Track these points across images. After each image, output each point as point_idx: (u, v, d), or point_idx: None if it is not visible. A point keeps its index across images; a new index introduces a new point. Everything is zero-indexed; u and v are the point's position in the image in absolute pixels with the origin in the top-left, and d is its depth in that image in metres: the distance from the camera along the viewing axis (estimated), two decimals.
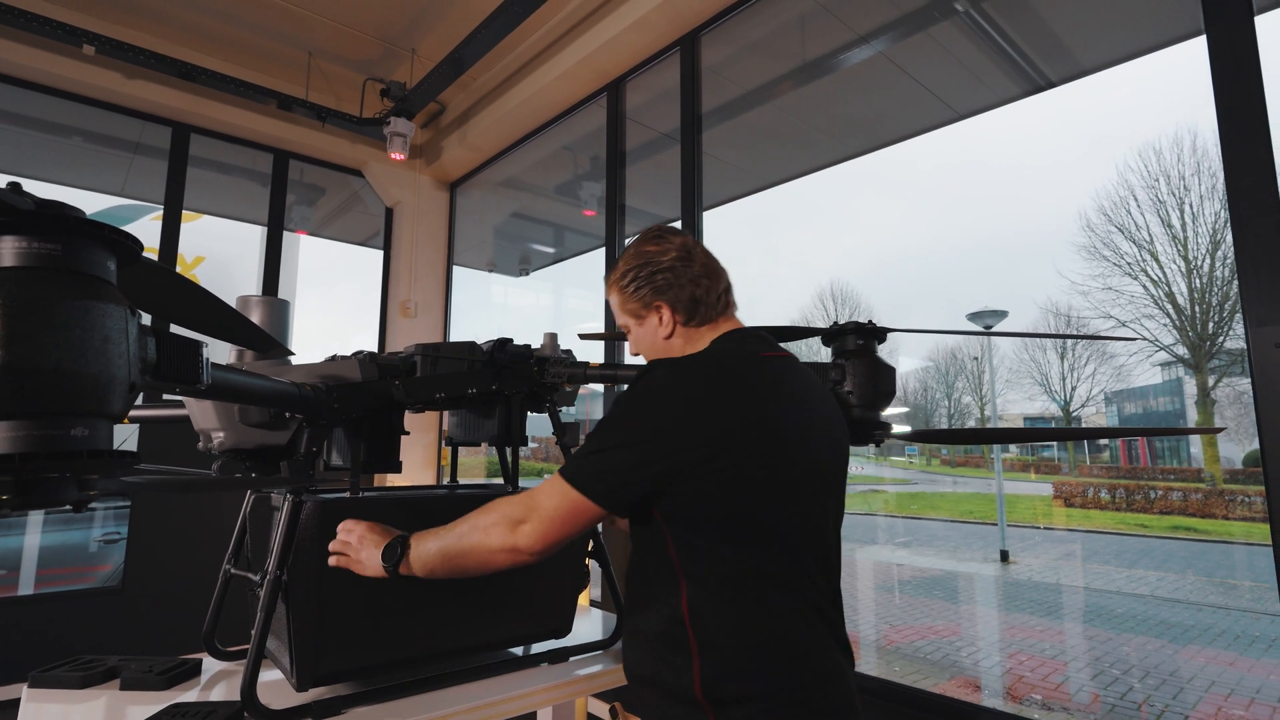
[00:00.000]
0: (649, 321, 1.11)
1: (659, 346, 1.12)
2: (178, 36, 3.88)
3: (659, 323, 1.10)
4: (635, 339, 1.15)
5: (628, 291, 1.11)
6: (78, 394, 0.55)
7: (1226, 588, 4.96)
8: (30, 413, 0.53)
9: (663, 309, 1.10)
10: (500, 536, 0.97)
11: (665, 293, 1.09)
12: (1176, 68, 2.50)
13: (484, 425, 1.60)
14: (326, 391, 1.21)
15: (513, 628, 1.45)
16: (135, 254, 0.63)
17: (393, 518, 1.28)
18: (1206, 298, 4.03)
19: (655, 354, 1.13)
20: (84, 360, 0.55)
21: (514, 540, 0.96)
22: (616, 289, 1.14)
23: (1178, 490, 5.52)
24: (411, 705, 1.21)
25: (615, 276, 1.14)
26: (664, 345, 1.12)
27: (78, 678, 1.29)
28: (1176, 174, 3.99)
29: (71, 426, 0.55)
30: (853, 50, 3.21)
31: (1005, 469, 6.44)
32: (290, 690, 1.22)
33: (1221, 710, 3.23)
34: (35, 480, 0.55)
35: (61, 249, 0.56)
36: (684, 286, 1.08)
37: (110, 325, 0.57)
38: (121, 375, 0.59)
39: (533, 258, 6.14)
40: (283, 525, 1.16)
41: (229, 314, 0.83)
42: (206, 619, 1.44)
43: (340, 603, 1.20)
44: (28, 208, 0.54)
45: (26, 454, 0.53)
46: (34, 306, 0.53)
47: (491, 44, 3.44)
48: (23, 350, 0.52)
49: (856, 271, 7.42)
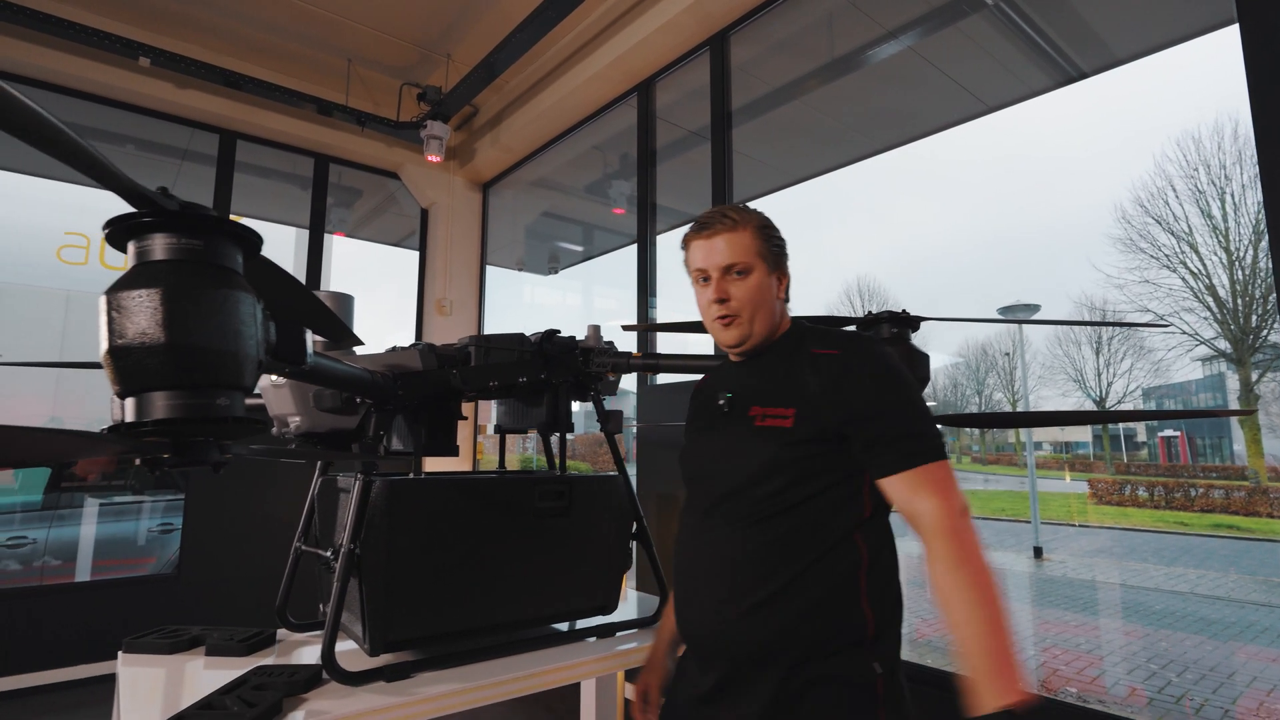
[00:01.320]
0: (773, 278, 1.16)
1: (772, 306, 1.15)
2: (225, 47, 4.05)
3: (776, 284, 1.16)
4: (754, 284, 1.13)
5: (770, 241, 1.15)
6: (222, 369, 0.64)
7: (1270, 586, 4.86)
8: (186, 384, 0.62)
9: (785, 276, 1.19)
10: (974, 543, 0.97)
11: (785, 265, 1.19)
12: (1213, 55, 2.48)
13: (531, 413, 1.69)
14: (393, 379, 1.30)
15: (565, 602, 1.53)
16: (258, 248, 0.72)
17: (451, 497, 1.37)
18: (1249, 289, 3.93)
19: (764, 309, 1.14)
20: (226, 340, 0.64)
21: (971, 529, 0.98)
22: (755, 233, 1.13)
23: (1219, 488, 5.41)
24: (472, 672, 1.29)
25: (755, 220, 1.15)
26: (774, 307, 1.16)
27: (166, 644, 1.40)
28: (1217, 163, 3.89)
29: (218, 397, 0.64)
30: (881, 46, 3.23)
31: (1038, 467, 6.36)
32: (362, 657, 1.31)
33: (1264, 705, 3.19)
34: (188, 442, 0.65)
35: (203, 244, 0.65)
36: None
37: (244, 311, 0.66)
38: (253, 354, 0.67)
39: (561, 256, 6.24)
40: (354, 503, 1.25)
41: (319, 306, 0.92)
42: (279, 594, 1.54)
43: (408, 576, 1.29)
44: (174, 209, 0.63)
45: (186, 419, 0.62)
46: (188, 294, 0.61)
47: (525, 49, 3.54)
48: (181, 331, 0.60)
49: (884, 267, 7.38)
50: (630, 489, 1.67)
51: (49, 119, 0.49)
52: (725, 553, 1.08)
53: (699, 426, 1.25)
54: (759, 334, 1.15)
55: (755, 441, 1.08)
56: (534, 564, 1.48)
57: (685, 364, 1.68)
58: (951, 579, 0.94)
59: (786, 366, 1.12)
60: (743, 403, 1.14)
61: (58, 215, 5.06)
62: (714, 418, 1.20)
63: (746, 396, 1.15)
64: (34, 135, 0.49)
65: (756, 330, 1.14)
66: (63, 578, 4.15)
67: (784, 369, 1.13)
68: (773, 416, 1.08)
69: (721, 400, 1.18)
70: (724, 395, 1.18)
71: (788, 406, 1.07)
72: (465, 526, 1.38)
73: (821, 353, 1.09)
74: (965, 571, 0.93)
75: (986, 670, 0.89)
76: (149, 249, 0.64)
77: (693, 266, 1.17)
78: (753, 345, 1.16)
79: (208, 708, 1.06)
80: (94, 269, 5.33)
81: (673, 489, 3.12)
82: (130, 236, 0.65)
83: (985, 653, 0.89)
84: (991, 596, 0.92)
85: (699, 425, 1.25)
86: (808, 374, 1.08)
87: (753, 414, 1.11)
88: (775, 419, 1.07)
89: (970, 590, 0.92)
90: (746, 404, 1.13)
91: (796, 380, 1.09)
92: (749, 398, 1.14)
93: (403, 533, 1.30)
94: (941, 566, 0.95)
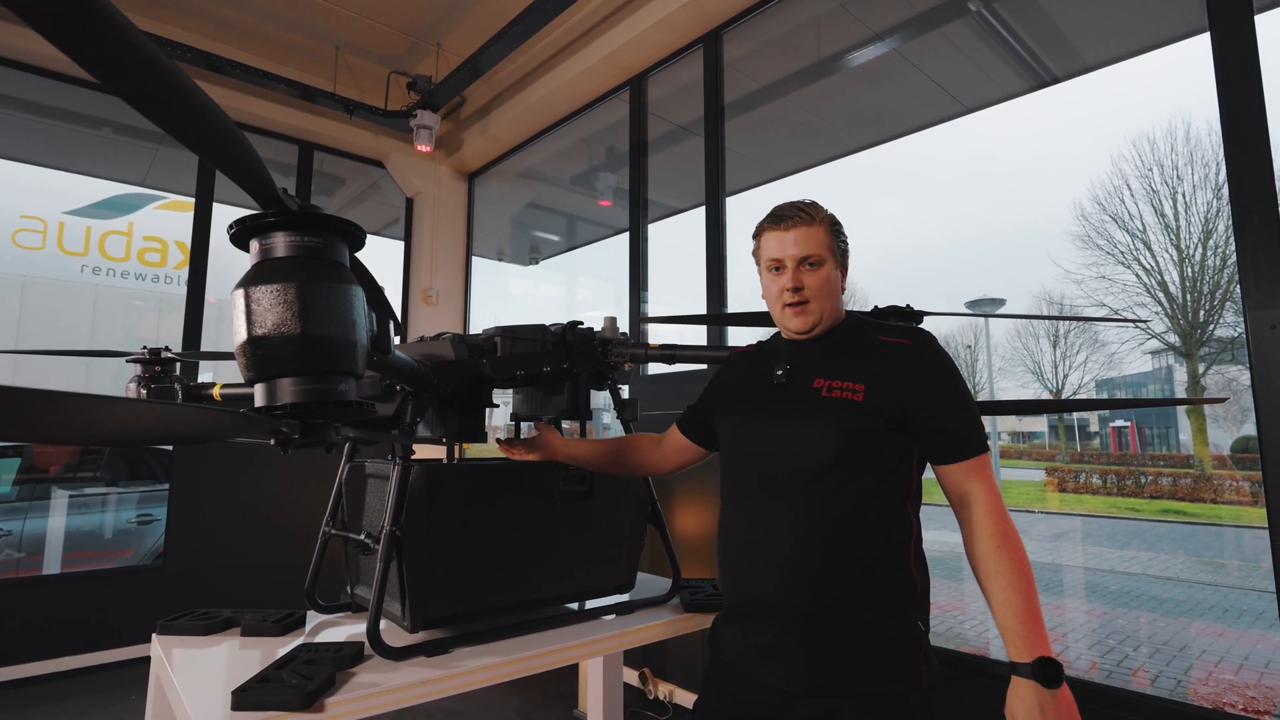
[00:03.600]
0: (838, 272, 1.24)
1: (834, 294, 1.24)
2: (207, 30, 3.97)
3: (840, 277, 1.25)
4: (825, 276, 1.22)
5: (839, 237, 1.24)
6: (344, 357, 0.69)
7: (1215, 566, 5.16)
8: (314, 370, 0.67)
9: (845, 271, 1.27)
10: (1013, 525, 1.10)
11: (847, 261, 1.28)
12: (1173, 62, 2.63)
13: (551, 401, 1.75)
14: (430, 368, 1.35)
15: (588, 581, 1.60)
16: (362, 245, 0.77)
17: (484, 482, 1.43)
18: (1198, 286, 4.13)
19: (834, 299, 1.24)
20: (346, 330, 0.69)
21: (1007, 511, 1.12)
22: (829, 228, 1.22)
23: (1168, 475, 5.70)
24: (505, 647, 1.36)
25: (828, 217, 1.24)
26: (837, 295, 1.25)
27: (201, 626, 1.43)
28: (1170, 164, 4.08)
29: (340, 382, 0.69)
30: (867, 47, 3.33)
31: (999, 456, 6.60)
32: (400, 634, 1.37)
33: (1212, 675, 3.43)
34: (313, 424, 0.70)
35: (322, 242, 0.70)
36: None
37: (356, 303, 0.71)
38: (364, 343, 0.73)
39: (542, 247, 6.26)
40: (394, 487, 1.31)
41: (385, 301, 0.97)
42: (308, 577, 1.58)
43: (445, 556, 1.35)
44: (295, 209, 0.68)
45: (315, 403, 0.67)
46: (315, 289, 0.66)
47: (519, 42, 3.55)
48: (311, 322, 0.66)
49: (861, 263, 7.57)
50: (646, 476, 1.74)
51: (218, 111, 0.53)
52: (788, 519, 1.16)
53: (748, 400, 1.29)
54: (826, 322, 1.23)
55: (826, 410, 1.15)
56: (558, 546, 1.55)
57: (699, 355, 1.76)
58: (997, 555, 1.07)
59: (853, 347, 1.21)
60: (804, 376, 1.22)
61: (11, 197, 4.89)
62: (768, 391, 1.26)
63: (808, 371, 1.22)
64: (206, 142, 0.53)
65: (824, 318, 1.23)
66: (30, 571, 4.06)
67: (849, 349, 1.21)
68: (841, 389, 1.16)
69: (780, 371, 1.24)
70: (781, 368, 1.25)
71: (858, 382, 1.15)
72: (496, 510, 1.44)
73: (891, 340, 1.19)
74: (1007, 548, 1.08)
75: (1025, 632, 1.04)
76: (273, 246, 0.69)
77: (766, 256, 1.25)
78: (819, 333, 1.24)
79: (267, 681, 1.10)
80: (51, 253, 5.15)
81: (669, 475, 3.21)
82: (254, 235, 0.70)
83: (1025, 618, 1.04)
84: (1028, 572, 1.07)
85: (747, 400, 1.29)
86: (877, 358, 1.17)
87: (817, 386, 1.19)
88: (845, 391, 1.15)
89: (1012, 563, 1.07)
90: (809, 376, 1.21)
91: (865, 362, 1.17)
92: (812, 372, 1.21)
93: (440, 516, 1.35)
94: (990, 543, 1.08)
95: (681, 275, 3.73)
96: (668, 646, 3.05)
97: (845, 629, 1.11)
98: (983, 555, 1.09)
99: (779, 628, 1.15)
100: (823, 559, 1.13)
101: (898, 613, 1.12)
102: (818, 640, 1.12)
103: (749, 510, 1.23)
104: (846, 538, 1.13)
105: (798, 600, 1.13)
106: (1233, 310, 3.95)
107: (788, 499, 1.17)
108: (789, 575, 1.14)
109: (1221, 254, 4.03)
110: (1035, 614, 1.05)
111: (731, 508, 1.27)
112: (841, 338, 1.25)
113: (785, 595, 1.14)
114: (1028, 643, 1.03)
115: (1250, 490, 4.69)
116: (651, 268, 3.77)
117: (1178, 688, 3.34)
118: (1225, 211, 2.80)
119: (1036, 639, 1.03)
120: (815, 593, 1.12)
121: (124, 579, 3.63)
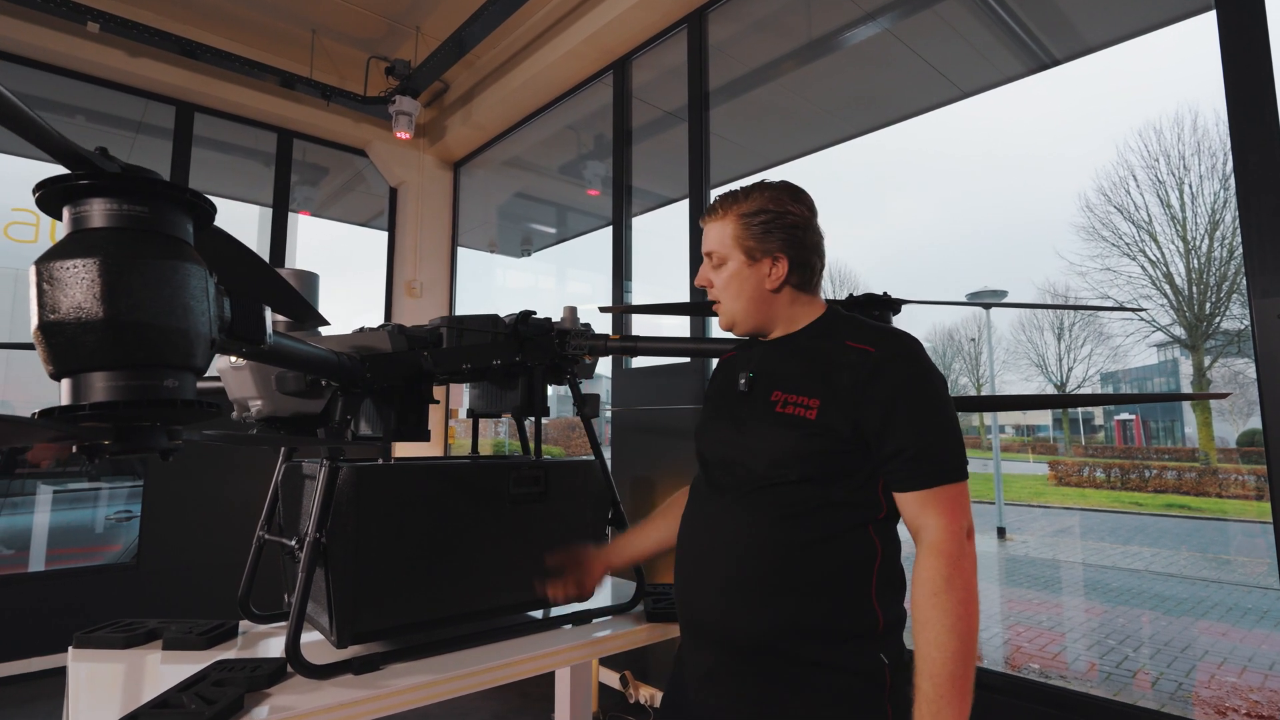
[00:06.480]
0: (759, 266, 1.10)
1: (755, 295, 1.10)
2: (182, 14, 3.85)
3: (768, 272, 1.10)
4: (731, 275, 1.10)
5: (753, 228, 1.09)
6: (169, 348, 0.58)
7: (1219, 563, 5.05)
8: (128, 364, 0.56)
9: (781, 261, 1.09)
10: (968, 570, 0.95)
11: (792, 248, 1.09)
12: (1179, 46, 2.50)
13: (505, 397, 1.64)
14: (360, 361, 1.25)
15: (539, 590, 1.50)
16: (211, 217, 0.66)
17: (422, 484, 1.33)
18: (1204, 278, 4.03)
19: (742, 299, 1.11)
20: (174, 316, 0.58)
21: (969, 554, 0.97)
22: (738, 221, 1.09)
23: (1172, 469, 5.60)
24: (444, 662, 1.26)
25: (742, 208, 1.10)
26: (762, 295, 1.10)
27: (121, 638, 1.33)
28: (1176, 154, 3.97)
29: (164, 378, 0.59)
30: (859, 27, 3.20)
31: (1001, 450, 6.50)
32: (329, 649, 1.27)
33: (1215, 677, 3.32)
34: (132, 428, 0.59)
35: (148, 211, 0.59)
36: (807, 250, 1.11)
37: (194, 284, 0.61)
38: (205, 331, 0.62)
39: (534, 238, 6.14)
40: (320, 490, 1.20)
41: (280, 283, 0.86)
42: (241, 584, 1.48)
43: (377, 565, 1.25)
44: (115, 170, 0.57)
45: (128, 401, 0.56)
46: (130, 265, 0.56)
47: (497, 22, 3.43)
48: (122, 305, 0.55)
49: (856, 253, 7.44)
50: (607, 473, 1.64)
51: None
52: (732, 536, 1.05)
53: (717, 404, 1.21)
54: (745, 323, 1.13)
55: (775, 428, 1.04)
56: (510, 551, 1.44)
57: (662, 347, 1.65)
58: (932, 602, 0.93)
59: (815, 354, 1.08)
60: (764, 386, 1.10)
61: (4, 189, 4.81)
62: (733, 397, 1.15)
63: (769, 379, 1.10)
64: None
65: (740, 319, 1.13)
66: (15, 568, 3.99)
67: (812, 356, 1.08)
68: (795, 405, 1.03)
69: (742, 380, 1.13)
70: (745, 375, 1.14)
71: (812, 397, 1.02)
72: (437, 514, 1.34)
73: (855, 346, 1.04)
74: (949, 597, 0.93)
75: (936, 697, 0.90)
76: (86, 215, 0.58)
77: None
78: (746, 331, 1.15)
79: (164, 706, 1.00)
80: (44, 246, 5.08)
81: (649, 473, 3.11)
82: (65, 201, 0.59)
83: (941, 681, 0.90)
84: (968, 628, 0.92)
85: (717, 403, 1.21)
86: (838, 366, 1.03)
87: (774, 399, 1.07)
88: (797, 407, 1.03)
89: (948, 617, 0.92)
90: (768, 388, 1.09)
91: (825, 371, 1.04)
92: (771, 381, 1.09)
93: (371, 521, 1.25)
94: (927, 588, 0.94)
95: (674, 267, 3.63)
96: (650, 650, 2.96)
97: (788, 660, 1.00)
98: (917, 600, 0.95)
99: (717, 651, 1.05)
100: (763, 583, 1.01)
101: (854, 646, 1.00)
102: (758, 670, 1.01)
103: (697, 521, 1.14)
104: (792, 562, 1.01)
105: (736, 624, 1.03)
106: (1239, 303, 3.85)
107: (733, 515, 1.07)
108: (729, 597, 1.04)
109: (1228, 245, 3.92)
110: (956, 680, 0.90)
111: (687, 516, 1.18)
112: (811, 340, 1.11)
113: (724, 618, 1.04)
114: (933, 710, 0.90)
115: (1254, 484, 4.59)
116: (646, 259, 3.66)
117: (1179, 691, 3.23)
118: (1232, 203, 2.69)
119: (947, 709, 0.89)
120: (753, 618, 1.01)
121: (96, 577, 3.55)
